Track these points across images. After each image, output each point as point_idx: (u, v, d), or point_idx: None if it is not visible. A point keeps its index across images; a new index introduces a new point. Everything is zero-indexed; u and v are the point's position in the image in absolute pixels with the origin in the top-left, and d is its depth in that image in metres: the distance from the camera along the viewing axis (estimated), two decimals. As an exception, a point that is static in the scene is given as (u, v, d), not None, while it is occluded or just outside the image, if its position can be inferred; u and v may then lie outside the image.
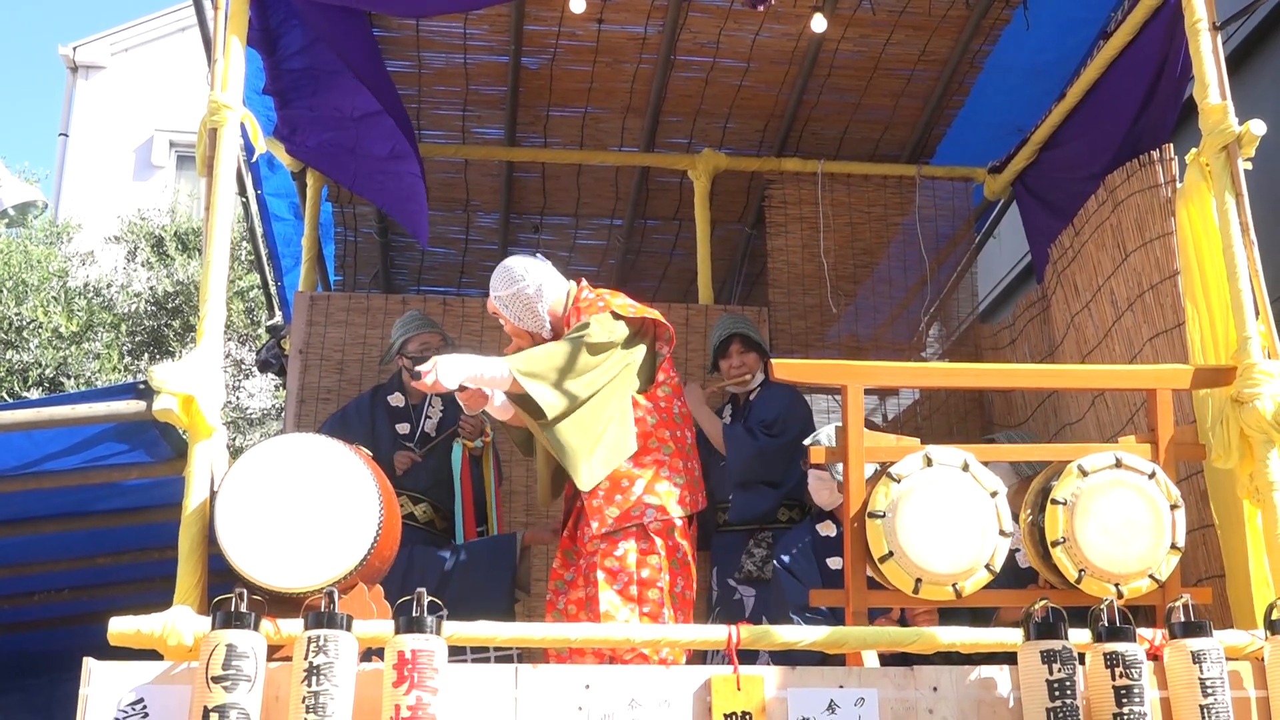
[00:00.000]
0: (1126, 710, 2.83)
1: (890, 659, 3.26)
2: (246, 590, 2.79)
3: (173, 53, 15.95)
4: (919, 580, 3.07)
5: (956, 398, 5.86)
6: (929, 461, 3.15)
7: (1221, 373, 3.41)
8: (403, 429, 4.92)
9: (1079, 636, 2.95)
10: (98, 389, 6.07)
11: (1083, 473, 3.16)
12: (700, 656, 3.88)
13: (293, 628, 2.82)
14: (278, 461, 3.00)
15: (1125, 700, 2.84)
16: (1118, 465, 3.17)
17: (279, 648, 2.85)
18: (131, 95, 15.95)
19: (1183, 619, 3.00)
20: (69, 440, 3.86)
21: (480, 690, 2.89)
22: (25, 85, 41.95)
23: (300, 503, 2.96)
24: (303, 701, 2.65)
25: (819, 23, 5.07)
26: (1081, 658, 2.93)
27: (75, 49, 16.12)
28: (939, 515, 3.09)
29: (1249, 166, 3.54)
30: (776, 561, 4.20)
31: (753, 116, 5.85)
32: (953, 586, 3.09)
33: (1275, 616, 3.04)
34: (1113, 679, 2.86)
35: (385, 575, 3.24)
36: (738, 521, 4.70)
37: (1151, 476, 3.17)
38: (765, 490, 4.69)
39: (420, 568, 4.36)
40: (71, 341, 11.04)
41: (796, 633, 3.10)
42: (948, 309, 6.20)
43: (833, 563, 4.02)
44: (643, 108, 5.74)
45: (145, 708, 2.76)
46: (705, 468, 4.70)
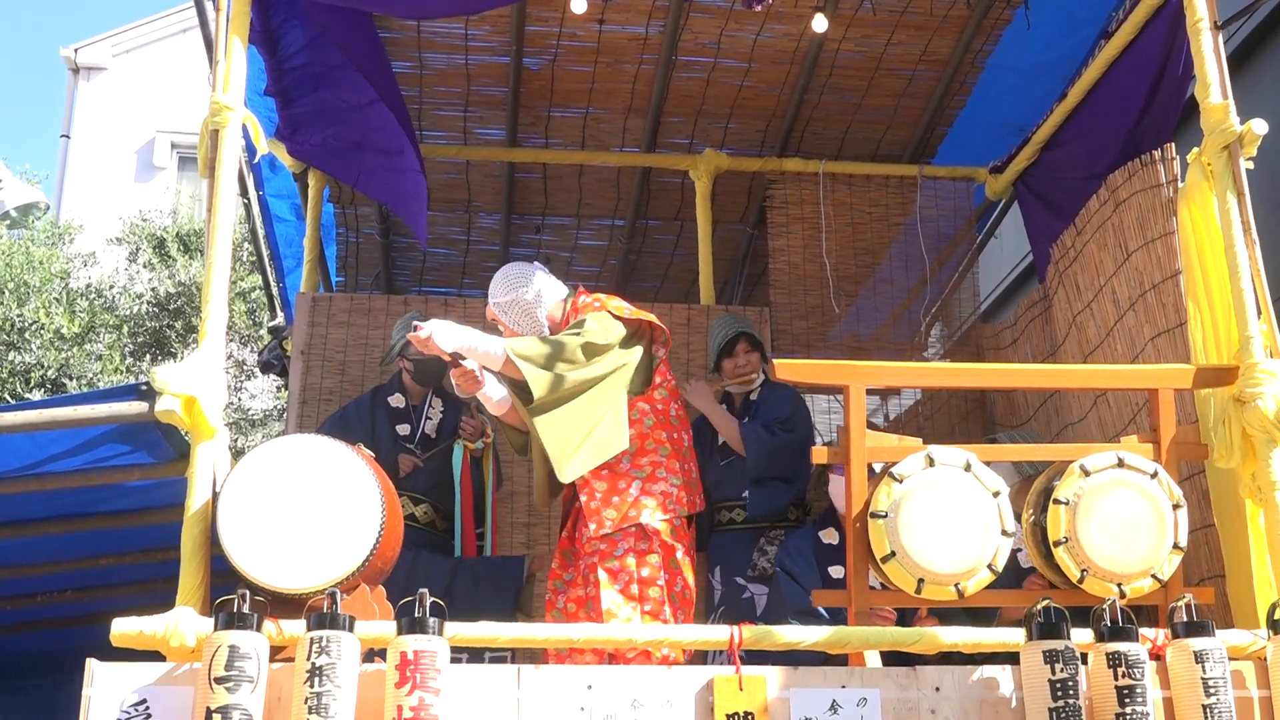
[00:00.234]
0: (1129, 710, 2.83)
1: (892, 659, 3.26)
2: (249, 591, 2.79)
3: (174, 54, 15.96)
4: (921, 580, 3.07)
5: (958, 398, 5.86)
6: (931, 461, 3.15)
7: (1224, 372, 3.41)
8: (403, 430, 4.92)
9: (1081, 636, 2.95)
10: (100, 390, 6.08)
11: (1085, 473, 3.16)
12: (701, 657, 3.88)
13: (295, 629, 2.83)
14: (280, 462, 3.00)
15: (1128, 700, 2.84)
16: (1120, 465, 3.17)
17: (281, 649, 2.85)
18: (133, 96, 15.96)
19: (1185, 619, 3.01)
20: (71, 441, 3.87)
21: (482, 691, 2.89)
22: (27, 87, 42.00)
23: (302, 504, 2.96)
24: (305, 702, 2.65)
25: (820, 23, 5.07)
26: (1084, 658, 2.93)
27: (77, 50, 16.14)
28: (941, 515, 3.09)
29: (1250, 166, 3.54)
30: (778, 565, 4.19)
31: (754, 117, 5.85)
32: (955, 586, 3.09)
33: (1277, 616, 3.05)
34: (1115, 679, 2.86)
35: (388, 577, 3.24)
36: (757, 518, 4.68)
37: (1154, 476, 3.17)
38: (780, 486, 4.70)
39: (424, 576, 4.36)
40: (73, 343, 11.04)
41: (799, 633, 3.10)
42: (949, 309, 6.20)
43: (835, 571, 4.01)
44: (644, 108, 5.74)
45: (148, 708, 2.76)
46: (702, 468, 4.72)
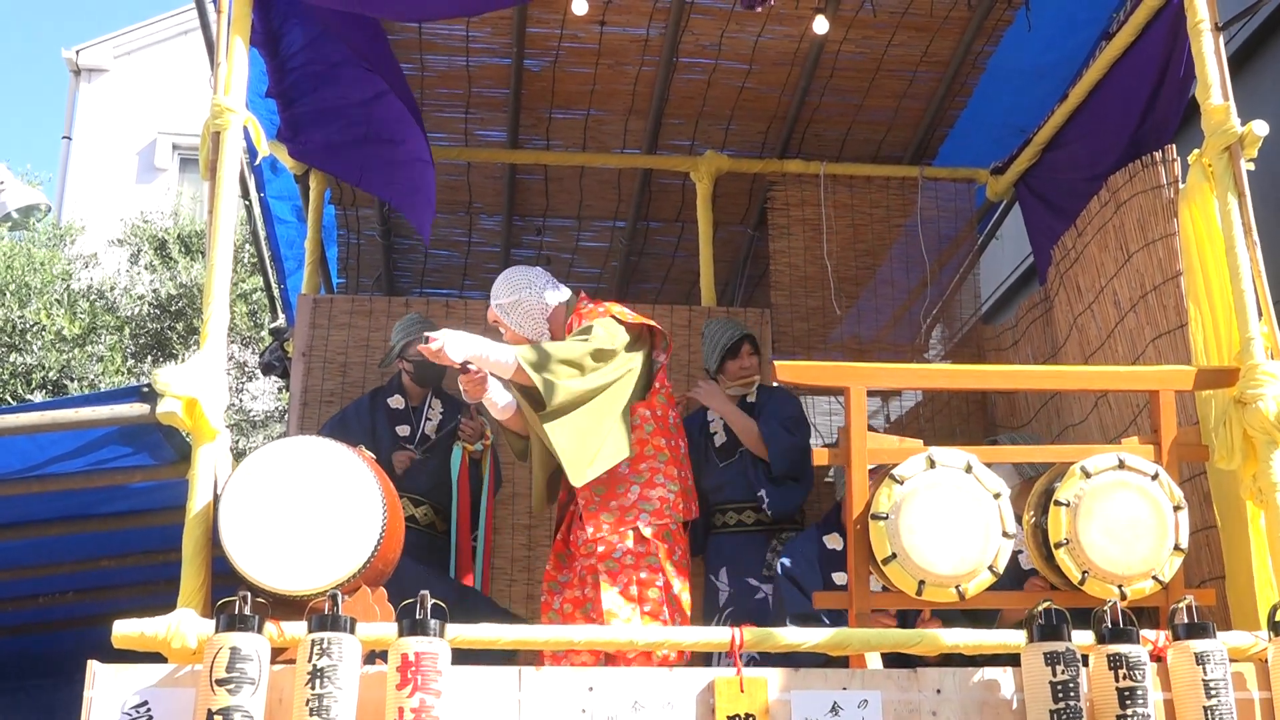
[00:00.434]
0: (1130, 712, 2.82)
1: (893, 661, 3.26)
2: (250, 593, 2.79)
3: (175, 56, 15.98)
4: (922, 582, 3.07)
5: (959, 399, 5.86)
6: (932, 463, 3.15)
7: (1224, 374, 3.41)
8: (403, 431, 4.93)
9: (1082, 638, 2.95)
10: (102, 392, 6.09)
11: (1086, 474, 3.16)
12: (703, 659, 3.88)
13: (296, 630, 2.83)
14: (281, 464, 3.00)
15: (1129, 702, 2.84)
16: (1121, 467, 3.17)
17: (283, 650, 2.85)
18: (134, 98, 15.97)
19: (1186, 620, 3.00)
20: (73, 443, 3.88)
21: (484, 692, 2.89)
22: (29, 88, 42.05)
23: (304, 505, 2.96)
24: (306, 704, 2.65)
25: (821, 24, 5.07)
26: (1085, 659, 2.93)
27: (78, 52, 16.16)
28: (942, 517, 3.08)
29: (1251, 167, 3.53)
30: (780, 568, 4.19)
31: (755, 118, 5.85)
32: (956, 588, 3.09)
33: (1278, 618, 3.05)
34: (1116, 681, 2.86)
35: (389, 578, 3.24)
36: (780, 518, 4.71)
37: (1154, 478, 3.17)
38: (794, 486, 4.72)
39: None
40: (75, 344, 11.05)
41: (800, 635, 3.10)
42: (950, 310, 6.20)
43: (838, 577, 4.00)
44: (645, 110, 5.74)
45: (149, 710, 2.76)
46: (697, 471, 4.74)
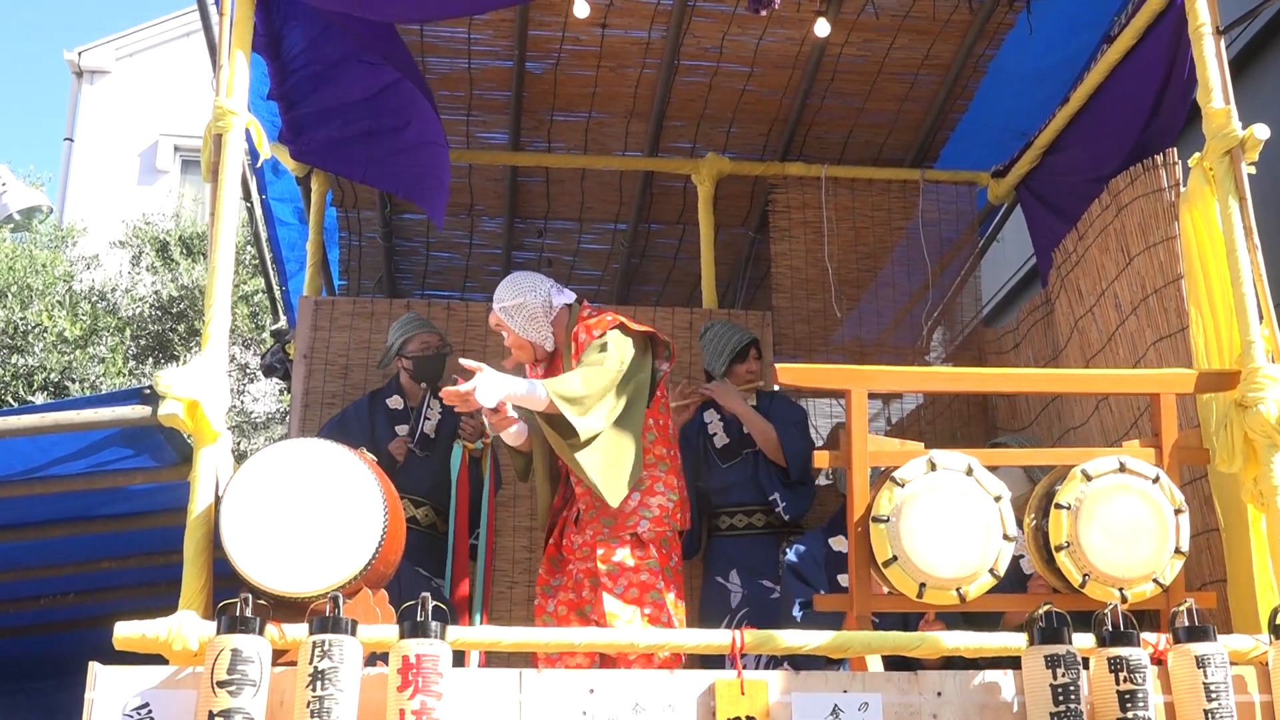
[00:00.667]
0: (1130, 715, 2.83)
1: (894, 664, 3.26)
2: (251, 595, 2.79)
3: (177, 57, 15.99)
4: (923, 585, 3.07)
5: (960, 402, 5.85)
6: (933, 466, 3.15)
7: (1225, 377, 3.41)
8: (402, 431, 4.95)
9: (1083, 641, 2.95)
10: (103, 394, 6.09)
11: (1087, 477, 3.16)
12: (701, 661, 3.89)
13: (297, 632, 2.83)
14: (282, 466, 3.00)
15: (1129, 705, 2.84)
16: (1122, 470, 3.17)
17: (284, 652, 2.86)
18: (136, 100, 15.98)
19: (1187, 623, 3.00)
20: (75, 445, 3.88)
21: (485, 694, 2.89)
22: (31, 90, 42.08)
23: (305, 507, 2.96)
24: (307, 706, 2.66)
25: (822, 27, 5.07)
26: (1085, 662, 2.93)
27: (80, 54, 16.16)
28: (943, 519, 3.09)
29: (1253, 171, 3.54)
30: (787, 565, 4.21)
31: (756, 121, 5.85)
32: (957, 591, 3.09)
33: (1279, 621, 3.05)
34: (1117, 684, 2.86)
35: (390, 580, 3.25)
36: (796, 519, 4.73)
37: (1155, 481, 3.17)
38: (805, 490, 4.76)
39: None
40: (76, 346, 11.05)
41: (800, 637, 3.10)
42: (951, 313, 6.20)
43: (843, 579, 4.01)
44: (646, 112, 5.75)
45: (150, 712, 2.76)
46: (700, 472, 4.76)
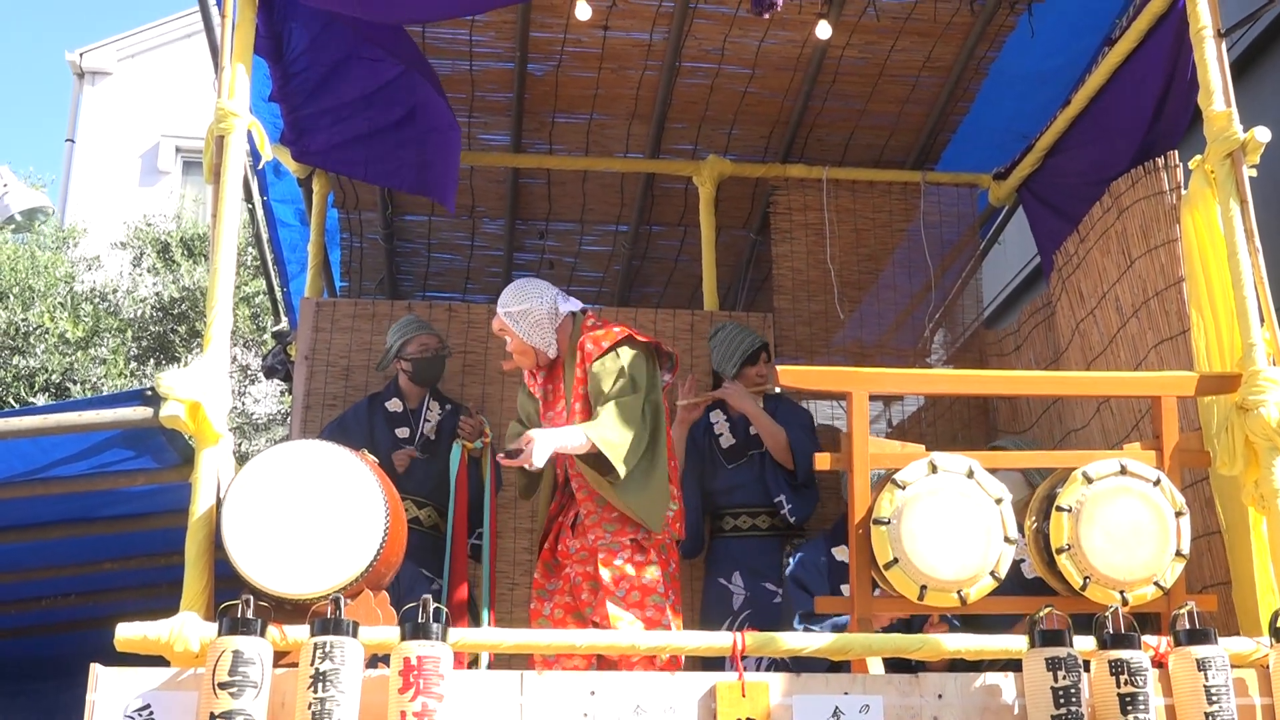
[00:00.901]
0: (1131, 717, 2.83)
1: (895, 666, 3.26)
2: (253, 596, 2.80)
3: (179, 59, 15.99)
4: (924, 587, 3.07)
5: (961, 404, 5.85)
6: (934, 468, 3.15)
7: (1226, 379, 3.41)
8: (402, 434, 4.96)
9: (1084, 644, 2.95)
10: (105, 396, 6.09)
11: (1088, 480, 3.16)
12: (702, 663, 3.89)
13: (299, 634, 2.83)
14: (284, 467, 3.01)
15: (1130, 707, 2.84)
16: (1123, 472, 3.17)
17: (285, 654, 2.86)
18: (138, 101, 15.99)
19: (1188, 626, 3.01)
20: (76, 446, 3.89)
21: (486, 696, 2.90)
22: (32, 91, 42.11)
23: (306, 509, 2.96)
24: (309, 708, 2.66)
25: (824, 29, 5.07)
26: (1086, 665, 2.93)
27: (82, 55, 16.16)
28: (944, 522, 3.08)
29: (1254, 173, 3.54)
30: (789, 574, 4.21)
31: (758, 123, 5.85)
32: (958, 593, 3.09)
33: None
34: (1118, 686, 2.86)
35: (391, 582, 3.25)
36: (803, 522, 4.74)
37: (1156, 483, 3.17)
38: (809, 492, 4.77)
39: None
40: (78, 347, 11.05)
41: (801, 640, 3.10)
42: (953, 315, 6.20)
43: (847, 590, 4.01)
44: (648, 114, 5.75)
45: (152, 713, 2.76)
46: (705, 473, 4.77)
